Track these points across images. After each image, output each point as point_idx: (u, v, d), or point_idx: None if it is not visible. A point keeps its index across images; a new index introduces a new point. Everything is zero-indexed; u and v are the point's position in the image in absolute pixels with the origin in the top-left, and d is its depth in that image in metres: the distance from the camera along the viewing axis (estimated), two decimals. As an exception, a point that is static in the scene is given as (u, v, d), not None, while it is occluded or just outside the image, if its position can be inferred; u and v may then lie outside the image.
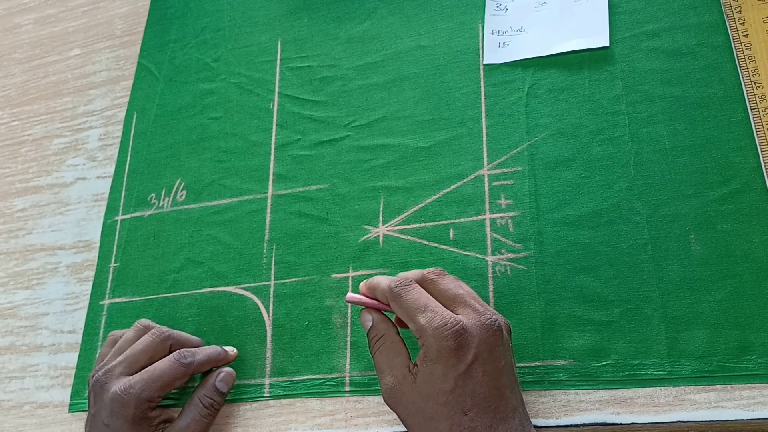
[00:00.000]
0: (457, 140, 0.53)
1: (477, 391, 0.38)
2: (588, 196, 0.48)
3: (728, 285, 0.43)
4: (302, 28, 0.62)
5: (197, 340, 0.51)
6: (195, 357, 0.48)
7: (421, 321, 0.40)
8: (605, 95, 0.51)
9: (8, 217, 0.64)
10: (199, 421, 0.47)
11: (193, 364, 0.48)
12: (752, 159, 0.46)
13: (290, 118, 0.58)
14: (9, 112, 0.70)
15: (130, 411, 0.45)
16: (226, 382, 0.49)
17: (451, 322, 0.39)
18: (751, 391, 0.40)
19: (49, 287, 0.59)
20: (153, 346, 0.48)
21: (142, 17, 0.69)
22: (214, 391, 0.48)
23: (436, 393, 0.39)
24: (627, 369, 0.43)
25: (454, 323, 0.39)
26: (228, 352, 0.50)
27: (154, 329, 0.49)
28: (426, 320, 0.40)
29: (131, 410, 0.45)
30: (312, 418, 0.47)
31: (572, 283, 0.46)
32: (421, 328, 0.40)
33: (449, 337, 0.39)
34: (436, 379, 0.39)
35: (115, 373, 0.47)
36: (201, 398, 0.48)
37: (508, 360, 0.40)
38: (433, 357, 0.39)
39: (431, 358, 0.39)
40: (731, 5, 0.50)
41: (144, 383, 0.46)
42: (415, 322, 0.40)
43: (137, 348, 0.48)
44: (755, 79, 0.47)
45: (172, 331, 0.50)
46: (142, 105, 0.64)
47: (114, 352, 0.49)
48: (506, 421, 0.39)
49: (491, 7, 0.57)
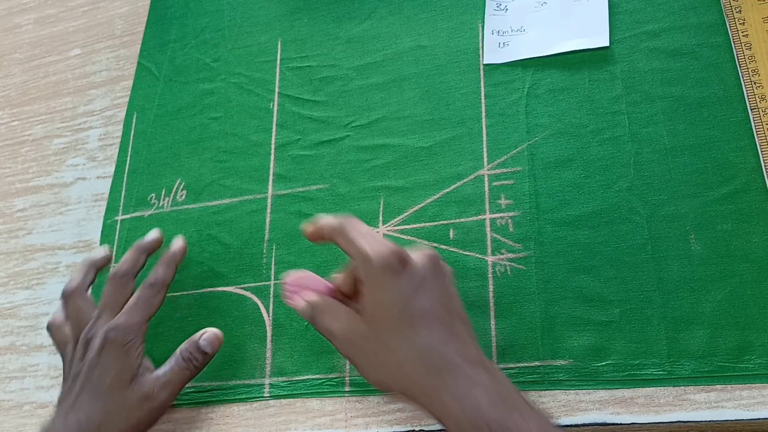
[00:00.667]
0: (457, 140, 0.53)
1: (426, 309, 0.39)
2: (588, 196, 0.48)
3: (728, 285, 0.43)
4: (302, 28, 0.62)
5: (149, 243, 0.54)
6: (157, 275, 0.50)
7: (366, 247, 0.40)
8: (605, 95, 0.51)
9: (8, 217, 0.64)
10: (177, 372, 0.47)
11: (158, 283, 0.50)
12: (752, 159, 0.46)
13: (290, 118, 0.59)
14: (9, 112, 0.70)
15: (118, 343, 0.46)
16: (209, 342, 0.49)
17: (395, 248, 0.40)
18: (751, 391, 0.40)
19: (49, 287, 0.59)
20: (119, 289, 0.50)
21: (142, 17, 0.69)
22: (196, 348, 0.48)
23: (383, 315, 0.39)
24: (627, 369, 0.43)
25: (398, 249, 0.40)
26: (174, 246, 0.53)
27: (112, 277, 0.51)
28: (370, 246, 0.40)
29: (119, 342, 0.46)
30: (312, 418, 0.47)
31: (572, 283, 0.46)
32: (365, 255, 0.40)
33: (394, 261, 0.39)
34: (383, 303, 0.39)
35: (100, 323, 0.48)
36: (182, 351, 0.48)
37: (453, 291, 0.41)
38: (378, 279, 0.39)
39: (376, 283, 0.40)
40: (731, 5, 0.50)
41: (127, 314, 0.48)
42: (360, 249, 0.40)
43: (108, 299, 0.49)
44: (755, 79, 0.47)
45: (126, 264, 0.51)
46: (142, 105, 0.64)
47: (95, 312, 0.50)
48: (460, 339, 0.39)
49: (491, 7, 0.57)
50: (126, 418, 0.46)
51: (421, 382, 0.38)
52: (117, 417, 0.46)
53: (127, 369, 0.46)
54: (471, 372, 0.37)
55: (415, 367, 0.38)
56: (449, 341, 0.38)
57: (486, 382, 0.37)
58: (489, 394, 0.36)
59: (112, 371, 0.46)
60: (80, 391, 0.46)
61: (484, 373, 0.37)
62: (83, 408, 0.46)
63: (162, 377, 0.47)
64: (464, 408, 0.36)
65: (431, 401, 0.38)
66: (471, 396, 0.36)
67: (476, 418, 0.35)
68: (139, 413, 0.46)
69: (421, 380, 0.38)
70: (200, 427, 0.49)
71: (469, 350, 0.39)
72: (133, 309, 0.48)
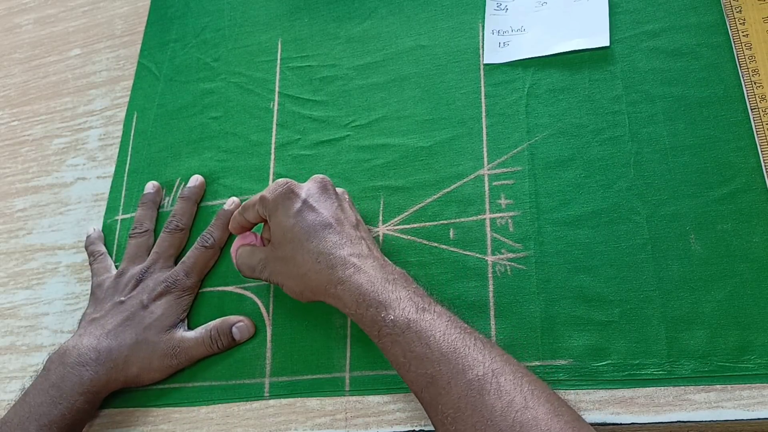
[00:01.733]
0: (457, 140, 0.53)
1: (315, 221, 0.46)
2: (588, 196, 0.48)
3: (728, 285, 0.43)
4: (302, 27, 0.62)
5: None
6: (213, 237, 0.54)
7: (261, 193, 0.48)
8: (605, 95, 0.51)
9: (8, 217, 0.64)
10: (200, 345, 0.50)
11: (215, 245, 0.54)
12: (752, 159, 0.46)
13: (290, 117, 0.59)
14: (9, 112, 0.70)
15: (174, 296, 0.52)
16: (241, 331, 0.51)
17: (282, 180, 0.48)
18: (751, 391, 0.40)
19: (49, 287, 0.59)
20: (174, 242, 0.55)
21: (142, 17, 0.69)
22: (227, 332, 0.51)
23: (284, 234, 0.46)
24: (627, 369, 0.43)
25: (286, 180, 0.48)
26: (229, 204, 0.56)
27: (169, 230, 0.55)
28: (264, 191, 0.48)
29: (175, 295, 0.52)
30: (312, 418, 0.47)
31: (572, 283, 0.46)
32: (262, 196, 0.48)
33: (281, 185, 0.47)
34: (281, 224, 0.46)
35: (155, 268, 0.53)
36: (212, 329, 0.51)
37: (344, 205, 0.48)
38: (273, 207, 0.47)
39: (272, 209, 0.47)
40: (731, 5, 0.50)
41: (185, 272, 0.53)
42: (257, 197, 0.48)
43: (164, 249, 0.54)
44: (755, 79, 0.47)
45: (183, 219, 0.56)
46: (142, 105, 0.64)
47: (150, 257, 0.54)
48: (352, 242, 0.45)
49: (491, 6, 0.57)
50: (148, 360, 0.50)
51: (321, 281, 0.44)
52: (142, 356, 0.50)
53: (171, 318, 0.51)
54: (360, 263, 0.44)
55: (314, 270, 0.44)
56: (341, 245, 0.45)
57: (370, 269, 0.43)
58: (369, 277, 0.43)
59: (158, 316, 0.51)
60: (122, 321, 0.51)
61: (371, 264, 0.44)
62: (119, 337, 0.50)
63: (187, 342, 0.50)
64: (349, 290, 0.43)
65: (329, 294, 0.44)
66: (354, 280, 0.43)
67: (356, 295, 0.42)
68: (158, 362, 0.50)
69: (320, 279, 0.44)
70: (200, 427, 0.49)
71: (360, 249, 0.45)
72: (192, 270, 0.53)
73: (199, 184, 0.57)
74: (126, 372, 0.50)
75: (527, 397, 0.37)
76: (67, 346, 0.50)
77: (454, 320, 0.41)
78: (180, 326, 0.51)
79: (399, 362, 0.41)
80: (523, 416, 0.36)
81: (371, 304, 0.42)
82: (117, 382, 0.50)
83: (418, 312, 0.41)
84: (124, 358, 0.49)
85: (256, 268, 0.49)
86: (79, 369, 0.48)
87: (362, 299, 0.42)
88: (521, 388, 0.37)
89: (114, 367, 0.49)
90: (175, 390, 0.51)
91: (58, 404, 0.47)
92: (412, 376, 0.40)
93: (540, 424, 0.35)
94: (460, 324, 0.41)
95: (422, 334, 0.40)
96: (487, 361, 0.38)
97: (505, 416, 0.36)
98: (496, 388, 0.37)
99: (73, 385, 0.48)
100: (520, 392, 0.37)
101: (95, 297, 0.54)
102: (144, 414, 0.51)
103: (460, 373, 0.38)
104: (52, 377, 0.48)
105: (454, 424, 0.37)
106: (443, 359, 0.39)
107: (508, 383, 0.37)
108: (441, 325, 0.40)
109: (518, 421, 0.36)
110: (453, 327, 0.40)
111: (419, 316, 0.41)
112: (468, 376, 0.38)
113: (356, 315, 0.43)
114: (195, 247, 0.54)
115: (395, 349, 0.41)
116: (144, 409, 0.51)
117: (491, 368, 0.38)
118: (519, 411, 0.36)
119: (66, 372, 0.48)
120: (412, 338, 0.40)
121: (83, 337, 0.50)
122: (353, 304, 0.43)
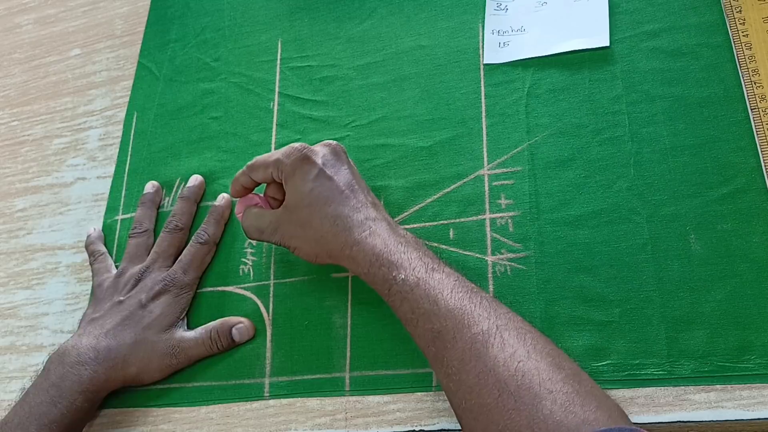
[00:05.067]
0: (457, 140, 0.53)
1: (333, 186, 0.47)
2: (588, 196, 0.48)
3: (728, 285, 0.43)
4: (302, 27, 0.62)
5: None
6: (208, 234, 0.54)
7: (275, 155, 0.49)
8: (605, 95, 0.51)
9: (8, 217, 0.64)
10: (200, 345, 0.51)
11: (210, 241, 0.54)
12: (752, 159, 0.46)
13: (290, 117, 0.58)
14: (9, 112, 0.70)
15: (172, 294, 0.52)
16: (240, 333, 0.51)
17: (297, 144, 0.48)
18: (751, 391, 0.40)
19: (49, 287, 0.59)
20: (174, 242, 0.55)
21: (142, 17, 0.69)
22: (227, 334, 0.51)
23: (301, 198, 0.47)
24: (627, 369, 0.43)
25: (300, 144, 0.48)
26: (219, 200, 0.56)
27: (169, 230, 0.55)
28: (278, 153, 0.49)
29: (173, 294, 0.52)
30: (312, 418, 0.47)
31: (572, 283, 0.46)
32: (278, 159, 0.48)
33: (297, 150, 0.48)
34: (298, 188, 0.47)
35: (154, 267, 0.53)
36: (212, 330, 0.51)
37: (354, 169, 0.49)
38: (291, 171, 0.47)
39: (289, 173, 0.48)
40: (731, 5, 0.50)
41: (183, 271, 0.53)
42: (272, 159, 0.49)
43: (163, 249, 0.54)
44: (755, 79, 0.47)
45: (183, 218, 0.56)
46: (142, 105, 0.64)
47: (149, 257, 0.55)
48: (366, 206, 0.46)
49: (491, 6, 0.57)
50: (147, 359, 0.50)
51: (338, 243, 0.45)
52: (141, 356, 0.50)
53: (170, 317, 0.51)
54: (374, 226, 0.45)
55: (332, 233, 0.46)
56: (357, 209, 0.46)
57: (383, 232, 0.45)
58: (383, 239, 0.44)
59: (156, 316, 0.51)
60: (121, 321, 0.51)
61: (384, 227, 0.45)
62: (118, 337, 0.50)
63: (186, 342, 0.51)
64: (363, 251, 0.44)
65: (344, 256, 0.45)
66: (368, 242, 0.44)
67: (370, 255, 0.44)
68: (157, 361, 0.50)
69: (338, 241, 0.45)
70: (200, 427, 0.49)
71: (374, 213, 0.46)
72: (189, 267, 0.53)
73: (199, 184, 0.58)
74: (125, 371, 0.50)
75: (530, 350, 0.38)
76: (67, 346, 0.50)
77: (462, 280, 0.42)
78: (179, 326, 0.52)
79: (407, 318, 0.42)
80: (525, 366, 0.37)
81: (383, 264, 0.43)
82: (116, 381, 0.50)
83: (428, 272, 0.42)
84: (123, 358, 0.49)
85: (265, 230, 0.49)
86: (79, 368, 0.48)
87: (375, 259, 0.44)
88: (524, 342, 0.38)
89: (113, 367, 0.49)
90: (175, 390, 0.51)
91: (57, 403, 0.47)
92: (419, 331, 0.41)
93: (541, 374, 0.36)
94: (468, 284, 0.42)
95: (430, 292, 0.41)
96: (492, 317, 0.40)
97: (508, 366, 0.37)
98: (500, 341, 0.38)
99: (73, 384, 0.48)
100: (523, 345, 0.38)
101: (95, 297, 0.54)
102: (144, 414, 0.51)
103: (465, 327, 0.39)
104: (51, 377, 0.48)
105: (458, 374, 0.39)
106: (449, 315, 0.40)
107: (511, 337, 0.38)
108: (449, 283, 0.42)
109: (520, 370, 0.37)
110: (460, 286, 0.42)
111: (428, 276, 0.42)
112: (473, 330, 0.39)
113: (368, 275, 0.44)
114: (191, 245, 0.54)
115: (404, 306, 0.42)
116: (144, 409, 0.51)
117: (496, 324, 0.39)
118: (521, 361, 0.37)
119: (65, 371, 0.48)
120: (420, 295, 0.41)
121: (82, 337, 0.50)
122: (366, 264, 0.44)
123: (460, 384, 0.39)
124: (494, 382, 0.37)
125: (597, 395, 0.37)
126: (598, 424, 0.34)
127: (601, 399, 0.36)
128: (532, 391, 0.36)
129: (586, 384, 0.37)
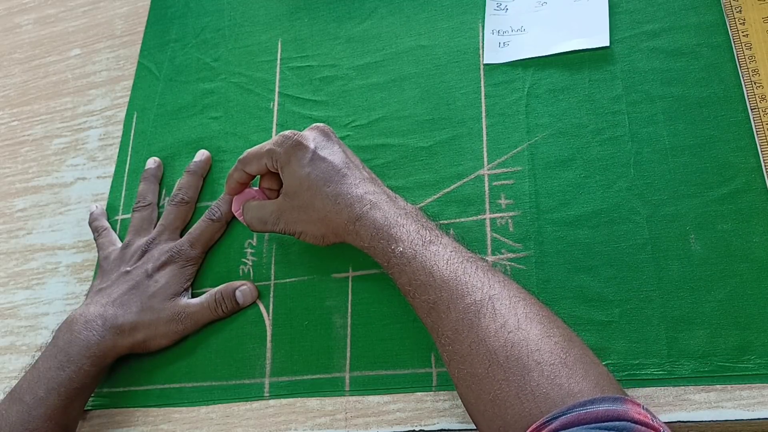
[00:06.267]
0: (457, 140, 0.53)
1: (329, 167, 0.47)
2: (588, 196, 0.48)
3: (728, 285, 0.43)
4: (302, 27, 0.62)
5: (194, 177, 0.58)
6: (221, 210, 0.55)
7: (267, 145, 0.49)
8: (605, 95, 0.51)
9: (8, 217, 0.64)
10: (205, 310, 0.52)
11: (222, 218, 0.55)
12: (752, 159, 0.46)
13: (290, 117, 0.58)
14: (9, 112, 0.70)
15: (178, 265, 0.53)
16: (244, 294, 0.52)
17: (287, 132, 0.49)
18: (751, 391, 0.40)
19: (49, 287, 0.59)
20: (180, 215, 0.56)
21: (142, 17, 0.69)
22: (230, 296, 0.52)
23: (300, 183, 0.47)
24: (627, 369, 0.43)
25: (290, 131, 0.49)
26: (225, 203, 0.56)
27: (175, 202, 0.56)
28: (269, 142, 0.49)
29: (179, 265, 0.53)
30: (312, 418, 0.47)
31: (572, 283, 0.46)
32: (270, 149, 0.49)
33: (288, 138, 0.48)
34: (295, 174, 0.48)
35: (160, 239, 0.54)
36: (216, 293, 0.52)
37: (346, 148, 0.50)
38: (286, 159, 0.48)
39: (285, 161, 0.48)
40: (731, 5, 0.50)
41: (190, 243, 0.54)
42: (264, 149, 0.49)
43: (169, 222, 0.55)
44: (755, 79, 0.47)
45: (189, 192, 0.57)
46: (142, 105, 0.64)
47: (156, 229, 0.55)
48: (364, 182, 0.47)
49: (491, 6, 0.57)
50: (154, 325, 0.51)
51: (341, 220, 0.46)
52: (147, 322, 0.51)
53: (175, 286, 0.52)
54: (375, 200, 0.46)
55: (334, 211, 0.46)
56: (355, 185, 0.47)
57: (384, 205, 0.46)
58: (383, 212, 0.45)
59: (162, 285, 0.52)
60: (128, 290, 0.52)
61: (384, 200, 0.46)
62: (125, 305, 0.51)
63: (192, 307, 0.52)
64: (365, 225, 0.45)
65: (349, 232, 0.46)
66: (370, 216, 0.45)
67: (372, 229, 0.45)
68: (164, 327, 0.51)
69: (341, 219, 0.46)
70: (200, 427, 0.49)
71: (373, 188, 0.47)
72: (197, 241, 0.54)
73: (206, 159, 0.58)
74: (132, 337, 0.51)
75: (520, 320, 0.38)
76: (75, 315, 0.51)
77: (459, 249, 0.43)
78: (184, 294, 0.53)
79: (405, 290, 0.44)
80: (515, 336, 0.38)
81: (383, 237, 0.44)
82: (123, 347, 0.51)
83: (425, 244, 0.43)
84: (131, 324, 0.50)
85: (268, 220, 0.50)
86: (86, 334, 0.49)
87: (376, 233, 0.45)
88: (515, 311, 0.39)
89: (120, 333, 0.50)
90: (175, 390, 0.51)
91: (65, 368, 0.49)
92: (417, 302, 0.43)
93: (530, 345, 0.37)
94: (465, 253, 0.43)
95: (426, 264, 0.42)
96: (486, 287, 0.40)
97: (498, 336, 0.38)
98: (492, 312, 0.39)
99: (80, 349, 0.49)
100: (514, 315, 0.39)
101: (101, 269, 0.55)
102: (144, 414, 0.51)
103: (459, 298, 0.40)
104: (59, 343, 0.50)
105: (452, 344, 0.40)
106: (444, 286, 0.41)
107: (503, 307, 0.39)
108: (445, 254, 0.42)
109: (510, 340, 0.37)
110: (456, 256, 0.42)
111: (425, 248, 0.43)
112: (466, 301, 0.40)
113: (369, 248, 0.45)
114: (202, 220, 0.55)
115: (402, 278, 0.43)
116: (144, 409, 0.51)
117: (488, 294, 0.40)
118: (511, 332, 0.38)
119: (73, 337, 0.49)
120: (417, 268, 0.42)
121: (90, 306, 0.51)
122: (368, 237, 0.45)
123: (453, 354, 0.40)
124: (485, 353, 0.38)
125: (585, 363, 0.37)
126: (583, 395, 0.35)
127: (588, 367, 0.37)
128: (520, 362, 0.36)
129: (575, 351, 0.37)
